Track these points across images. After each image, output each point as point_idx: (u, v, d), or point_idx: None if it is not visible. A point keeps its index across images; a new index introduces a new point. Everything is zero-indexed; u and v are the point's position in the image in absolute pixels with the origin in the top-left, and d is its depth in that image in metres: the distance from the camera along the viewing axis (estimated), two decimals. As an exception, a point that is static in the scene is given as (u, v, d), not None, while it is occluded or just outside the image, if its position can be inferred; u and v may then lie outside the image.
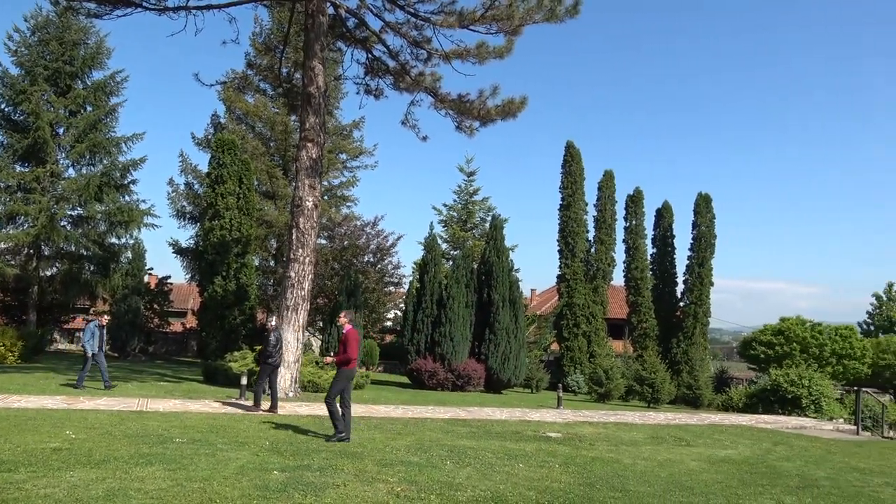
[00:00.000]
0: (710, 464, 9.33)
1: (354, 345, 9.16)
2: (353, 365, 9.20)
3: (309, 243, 15.93)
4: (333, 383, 9.25)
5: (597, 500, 6.45)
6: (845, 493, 7.76)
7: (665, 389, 22.34)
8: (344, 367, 9.15)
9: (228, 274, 24.11)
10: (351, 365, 9.16)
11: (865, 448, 12.73)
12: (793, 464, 9.88)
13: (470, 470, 7.52)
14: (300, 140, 16.44)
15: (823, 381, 20.09)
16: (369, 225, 33.25)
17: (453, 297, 22.76)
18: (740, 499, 7.04)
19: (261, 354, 12.72)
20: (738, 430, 14.03)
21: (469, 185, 39.53)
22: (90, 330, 14.24)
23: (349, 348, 9.10)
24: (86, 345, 14.09)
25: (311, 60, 16.25)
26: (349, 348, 9.10)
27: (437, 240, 25.45)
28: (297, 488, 5.99)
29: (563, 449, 9.69)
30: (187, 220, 31.43)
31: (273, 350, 12.24)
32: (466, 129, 18.81)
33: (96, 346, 14.11)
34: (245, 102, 30.08)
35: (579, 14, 16.27)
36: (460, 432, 10.79)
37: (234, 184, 24.63)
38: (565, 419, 14.19)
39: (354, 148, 33.05)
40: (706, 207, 33.29)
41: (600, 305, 31.66)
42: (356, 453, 8.06)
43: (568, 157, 32.29)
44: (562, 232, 31.86)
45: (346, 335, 9.21)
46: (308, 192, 15.93)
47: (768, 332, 31.92)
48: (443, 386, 21.84)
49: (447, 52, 17.70)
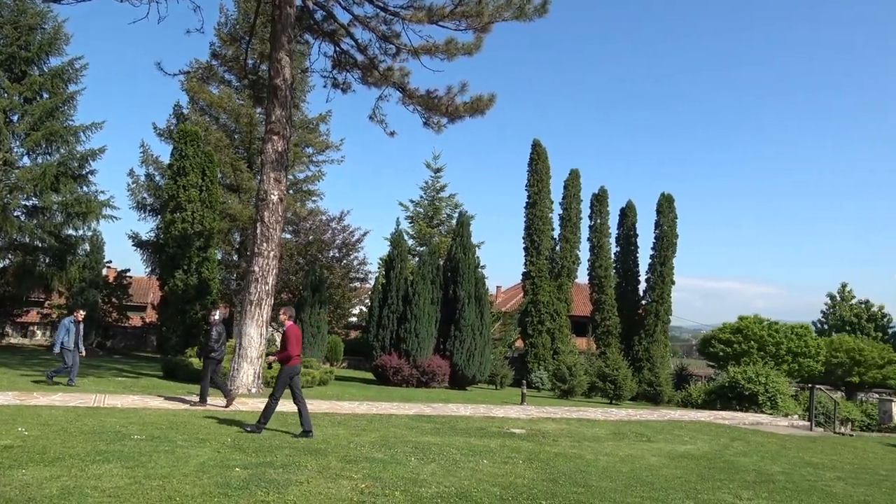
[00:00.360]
0: (670, 459, 9.49)
1: (294, 342, 9.14)
2: (294, 362, 9.19)
3: (273, 238, 15.73)
4: (277, 383, 9.24)
5: (560, 495, 6.51)
6: (799, 488, 7.97)
7: (627, 386, 22.67)
8: (285, 365, 9.13)
9: (190, 268, 23.67)
10: (292, 362, 9.14)
11: (818, 443, 13.10)
12: (749, 459, 10.11)
13: (434, 466, 7.52)
14: (266, 133, 16.21)
15: (779, 379, 20.61)
16: (335, 220, 33.05)
17: (419, 293, 22.73)
18: (699, 493, 7.18)
19: (202, 349, 12.44)
20: (698, 426, 14.30)
21: (436, 181, 39.55)
22: (65, 326, 13.82)
23: (289, 345, 9.09)
24: (61, 341, 13.63)
25: (278, 52, 16.02)
26: (289, 345, 9.09)
27: (403, 236, 25.39)
28: (260, 485, 5.91)
29: (527, 445, 9.76)
30: (148, 212, 30.75)
31: (215, 344, 12.01)
32: (434, 126, 18.78)
33: (71, 342, 13.67)
34: (209, 93, 29.53)
35: (548, 13, 16.38)
36: (425, 428, 10.78)
37: (196, 176, 24.17)
38: (529, 415, 14.29)
39: (321, 142, 32.74)
40: (669, 207, 33.87)
41: (564, 303, 31.99)
42: (320, 450, 7.99)
43: (534, 155, 32.51)
44: (528, 229, 32.08)
45: (286, 332, 9.21)
46: (273, 186, 15.73)
47: (727, 330, 32.62)
48: (408, 382, 21.81)
49: (416, 47, 17.64)
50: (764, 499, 7.17)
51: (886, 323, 42.19)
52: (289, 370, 9.15)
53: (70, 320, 14.00)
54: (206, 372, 12.05)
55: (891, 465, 10.95)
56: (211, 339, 12.04)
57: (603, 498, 6.55)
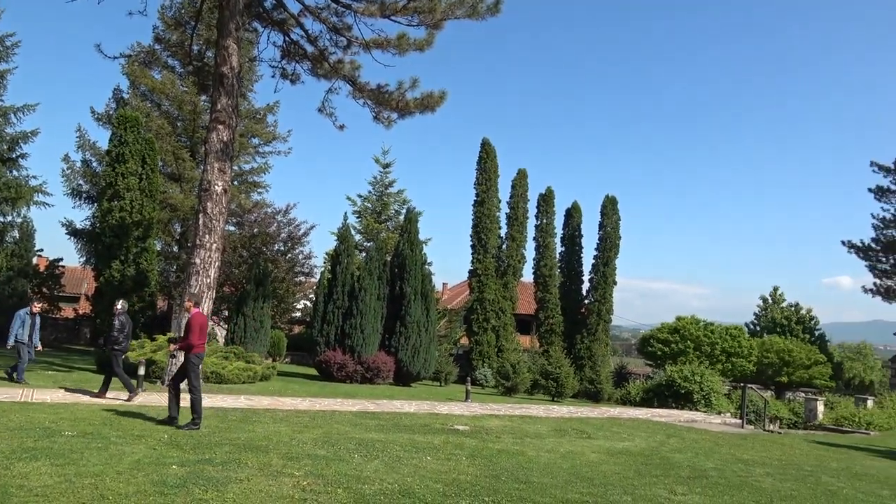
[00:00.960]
0: (609, 455, 9.70)
1: (197, 329, 9.06)
2: (198, 350, 9.11)
3: (216, 229, 15.36)
4: (188, 373, 9.07)
5: (502, 491, 6.57)
6: (731, 483, 8.27)
7: (569, 384, 23.06)
8: (190, 353, 9.03)
9: (127, 258, 22.89)
10: (196, 350, 9.06)
11: (749, 440, 13.61)
12: (684, 455, 10.43)
13: (378, 463, 7.49)
14: (210, 121, 15.79)
15: (713, 378, 21.31)
16: (281, 213, 32.47)
17: (365, 288, 22.58)
18: (636, 489, 7.37)
19: (106, 341, 12.08)
20: (636, 424, 14.66)
21: (385, 176, 39.29)
22: (20, 317, 12.99)
23: (191, 333, 9.00)
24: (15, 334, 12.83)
25: (225, 39, 15.62)
26: (191, 333, 9.00)
27: (350, 230, 25.16)
28: (198, 483, 5.77)
29: (471, 442, 9.82)
30: (83, 199, 29.55)
31: (119, 335, 11.70)
32: (384, 121, 18.68)
33: (26, 335, 12.91)
34: (151, 78, 28.58)
35: (500, 13, 16.47)
36: (369, 425, 10.72)
37: (136, 163, 23.37)
38: (473, 412, 14.38)
39: (268, 133, 32.13)
40: (612, 209, 34.58)
41: (510, 301, 32.31)
42: (261, 447, 7.85)
43: (483, 153, 32.69)
44: (475, 227, 32.24)
45: (189, 319, 9.13)
46: (217, 176, 15.34)
47: (665, 330, 33.54)
48: (352, 378, 21.65)
49: (368, 40, 17.49)
50: (697, 494, 7.41)
51: (814, 325, 44.12)
52: (194, 358, 9.05)
53: (25, 311, 13.17)
54: (115, 364, 11.70)
55: (815, 461, 11.47)
56: (114, 329, 11.68)
57: (543, 494, 6.64)
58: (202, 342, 9.22)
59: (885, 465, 11.95)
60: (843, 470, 10.55)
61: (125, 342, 11.87)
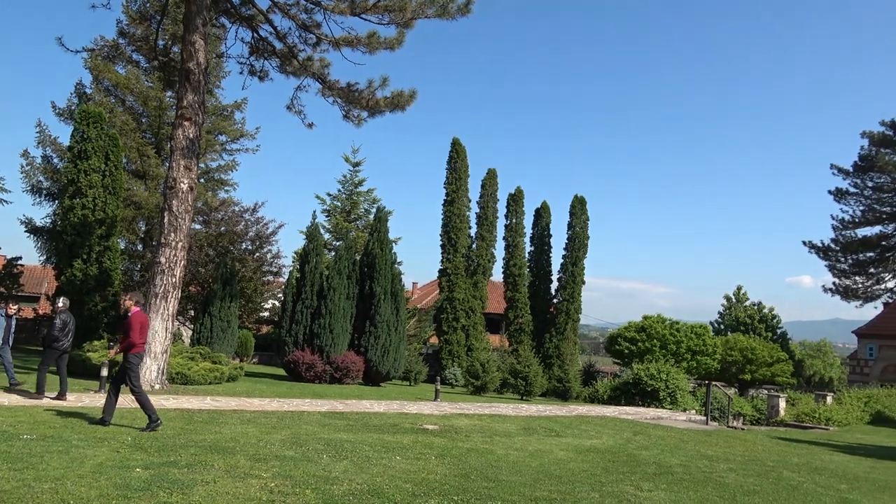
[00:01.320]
0: (577, 453, 9.79)
1: (137, 328, 8.91)
2: (138, 349, 8.97)
3: (182, 227, 15.11)
4: (129, 372, 8.87)
5: (471, 490, 6.59)
6: (695, 479, 8.41)
7: (537, 382, 23.20)
8: (129, 353, 8.88)
9: (90, 257, 22.36)
10: (136, 349, 8.91)
11: (713, 437, 13.86)
12: (650, 452, 10.57)
13: (347, 463, 7.44)
14: (176, 118, 15.54)
15: (679, 376, 21.63)
16: (249, 211, 32.07)
17: (334, 288, 22.43)
18: (603, 486, 7.45)
19: (45, 339, 11.76)
20: (603, 421, 14.82)
21: (354, 175, 39.13)
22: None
23: (132, 332, 8.86)
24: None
25: (192, 35, 15.38)
26: (132, 332, 8.86)
27: (319, 229, 24.97)
28: (162, 486, 5.67)
29: (440, 441, 9.82)
30: (44, 196, 28.80)
31: (59, 334, 11.32)
32: (354, 119, 18.58)
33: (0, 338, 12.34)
34: (115, 73, 27.99)
35: (471, 13, 16.48)
36: (338, 425, 10.65)
37: (99, 160, 22.84)
38: (442, 411, 14.39)
39: (235, 130, 31.72)
40: (581, 209, 34.92)
41: (479, 300, 32.41)
42: (228, 448, 7.75)
43: (454, 153, 32.74)
44: (445, 227, 32.28)
45: (129, 318, 8.97)
46: (183, 174, 15.10)
47: (632, 329, 33.91)
48: (321, 378, 21.50)
49: (337, 38, 17.38)
50: (663, 490, 7.52)
51: (776, 324, 45.09)
52: (133, 358, 8.89)
53: (2, 313, 12.64)
54: (45, 361, 11.39)
55: (777, 456, 11.73)
56: (55, 328, 11.34)
57: (512, 492, 6.68)
58: (143, 341, 9.07)
59: (843, 459, 12.28)
60: (804, 465, 10.81)
61: (66, 341, 11.49)
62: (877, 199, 46.32)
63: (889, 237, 46.37)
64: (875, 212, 46.37)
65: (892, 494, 8.73)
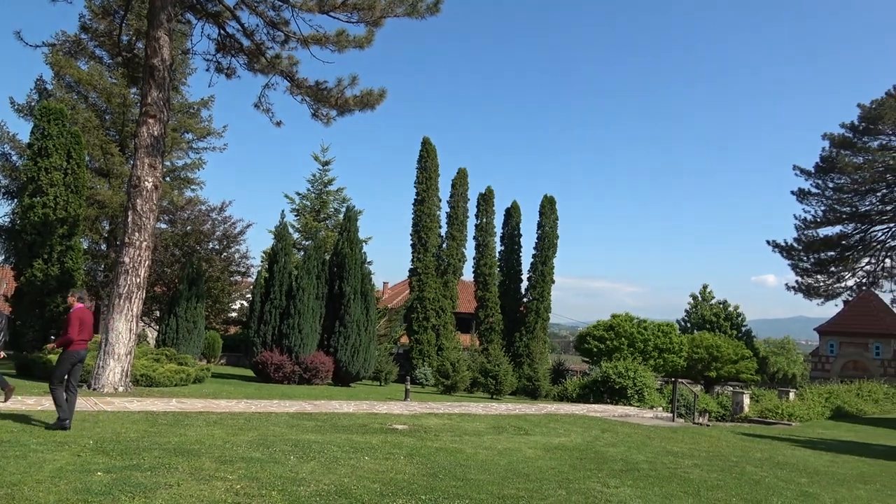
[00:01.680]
0: (545, 451, 9.85)
1: (76, 324, 8.74)
2: (76, 346, 8.78)
3: (147, 227, 14.84)
4: (56, 366, 8.77)
5: (439, 489, 6.58)
6: (661, 475, 8.53)
7: (507, 381, 23.31)
8: (67, 349, 8.73)
9: (51, 257, 21.83)
10: (73, 346, 8.74)
11: (679, 433, 14.07)
12: (617, 449, 10.70)
13: (314, 464, 7.38)
14: (141, 115, 15.25)
15: (646, 373, 21.93)
16: (216, 210, 31.67)
17: (303, 288, 22.25)
18: (570, 483, 7.51)
19: None
20: (572, 419, 14.95)
21: (324, 174, 38.86)
22: None
23: (70, 327, 8.70)
24: None
25: (157, 30, 15.11)
26: (70, 327, 8.70)
27: (288, 228, 24.75)
28: (125, 490, 5.55)
29: (409, 440, 9.80)
30: (2, 195, 28.07)
31: None
32: (323, 118, 18.44)
33: None
34: (77, 69, 27.38)
35: (440, 12, 16.48)
36: (306, 426, 10.57)
37: (61, 158, 22.30)
38: (412, 411, 14.37)
39: (202, 128, 31.29)
40: (551, 209, 35.18)
41: (450, 300, 32.45)
42: (193, 450, 7.62)
43: (424, 152, 32.72)
44: (415, 226, 32.24)
45: (69, 314, 8.84)
46: (148, 172, 14.83)
47: (600, 327, 34.29)
48: (289, 379, 21.30)
49: (306, 36, 17.23)
50: (629, 486, 7.61)
51: (741, 322, 45.97)
52: (69, 355, 8.73)
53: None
54: None
55: (741, 451, 11.96)
56: None
57: (480, 490, 6.69)
58: (83, 339, 8.87)
59: (804, 454, 12.57)
60: (766, 460, 11.04)
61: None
62: (837, 199, 47.55)
63: (849, 237, 47.65)
64: (836, 212, 47.60)
65: (849, 487, 8.96)
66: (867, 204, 46.90)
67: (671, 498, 7.21)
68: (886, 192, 46.03)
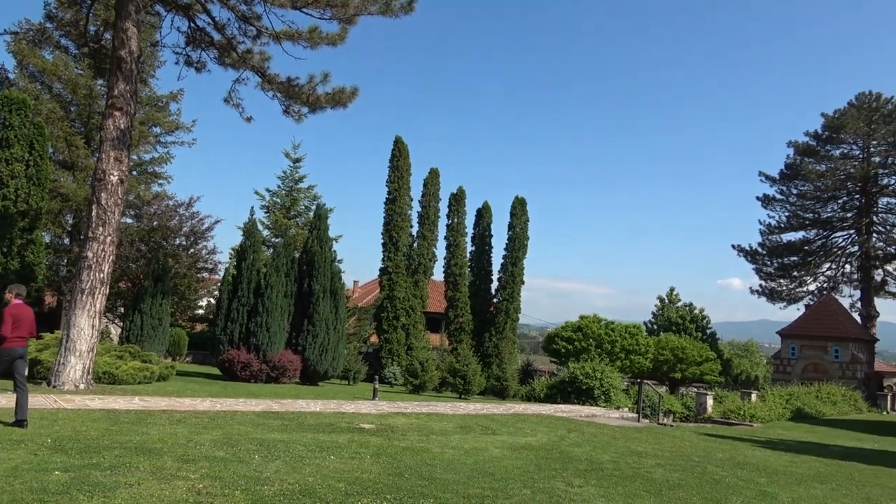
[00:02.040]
0: (511, 451, 9.91)
1: (9, 321, 8.65)
2: (12, 343, 8.67)
3: (111, 221, 14.56)
4: None
5: (404, 488, 6.58)
6: (625, 475, 8.64)
7: (476, 381, 23.39)
8: (1, 347, 8.62)
9: (11, 251, 21.31)
10: (7, 344, 8.62)
11: (644, 433, 14.26)
12: (582, 449, 10.80)
13: (279, 463, 7.32)
14: (107, 107, 14.97)
15: (613, 374, 22.17)
16: (183, 205, 31.17)
17: (272, 285, 22.04)
18: (535, 482, 7.56)
19: None
20: (539, 419, 15.05)
21: (295, 171, 38.51)
22: None
23: (3, 325, 8.60)
24: None
25: (124, 22, 14.83)
26: (3, 325, 8.60)
27: (257, 225, 24.49)
28: (83, 489, 5.44)
29: (376, 440, 9.78)
30: (-39, 186, 27.28)
31: None
32: (294, 115, 18.31)
33: None
34: (41, 59, 26.74)
35: (414, 11, 16.49)
36: (272, 425, 10.47)
37: (22, 149, 21.78)
38: (380, 410, 14.33)
39: (170, 122, 30.81)
40: (521, 210, 35.40)
41: (420, 299, 32.45)
42: (154, 449, 7.50)
43: (396, 151, 32.68)
44: (387, 225, 32.18)
45: (3, 311, 8.73)
46: (113, 166, 14.55)
47: (569, 328, 34.61)
48: (256, 378, 21.08)
49: (278, 32, 17.09)
50: (593, 486, 7.70)
51: (706, 324, 46.81)
52: (4, 353, 8.62)
53: None
54: None
55: (703, 452, 12.16)
56: None
57: (446, 490, 6.71)
58: (18, 336, 8.73)
59: (764, 454, 12.83)
60: (728, 460, 11.25)
61: None
62: (801, 205, 48.70)
63: (811, 242, 48.82)
64: (799, 218, 48.73)
65: (806, 487, 9.18)
66: (829, 211, 48.14)
67: (634, 497, 7.31)
68: (847, 200, 47.31)
